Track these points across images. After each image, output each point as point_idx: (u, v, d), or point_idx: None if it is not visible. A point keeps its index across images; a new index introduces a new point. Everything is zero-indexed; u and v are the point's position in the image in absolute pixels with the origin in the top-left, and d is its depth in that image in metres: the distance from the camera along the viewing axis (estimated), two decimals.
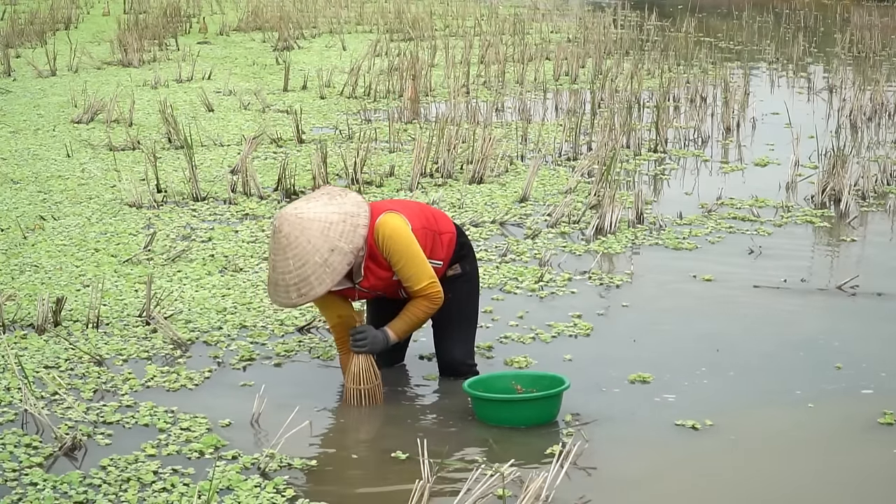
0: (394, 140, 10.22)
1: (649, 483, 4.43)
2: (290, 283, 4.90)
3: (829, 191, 8.57)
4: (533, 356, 5.58)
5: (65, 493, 4.19)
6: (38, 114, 11.53)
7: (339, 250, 4.89)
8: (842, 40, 17.93)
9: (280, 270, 4.91)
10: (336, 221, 4.93)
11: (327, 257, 4.88)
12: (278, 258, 4.91)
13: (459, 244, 5.34)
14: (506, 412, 4.85)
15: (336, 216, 4.94)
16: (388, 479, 4.42)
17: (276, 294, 4.98)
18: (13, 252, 7.03)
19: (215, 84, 13.43)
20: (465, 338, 5.37)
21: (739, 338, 5.92)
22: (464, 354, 5.35)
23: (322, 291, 4.91)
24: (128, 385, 5.18)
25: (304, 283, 4.89)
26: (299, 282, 4.89)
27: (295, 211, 4.94)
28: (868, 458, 4.65)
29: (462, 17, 20.78)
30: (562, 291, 6.55)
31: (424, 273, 5.07)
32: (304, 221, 4.90)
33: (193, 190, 8.36)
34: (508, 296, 6.47)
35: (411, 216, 5.16)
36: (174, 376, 5.29)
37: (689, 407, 5.03)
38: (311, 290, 4.90)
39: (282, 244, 4.89)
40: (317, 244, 4.88)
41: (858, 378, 5.40)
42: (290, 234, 4.89)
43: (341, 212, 4.96)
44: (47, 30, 18.09)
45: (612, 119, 10.81)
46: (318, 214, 4.93)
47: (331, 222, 4.92)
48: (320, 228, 4.90)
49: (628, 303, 6.44)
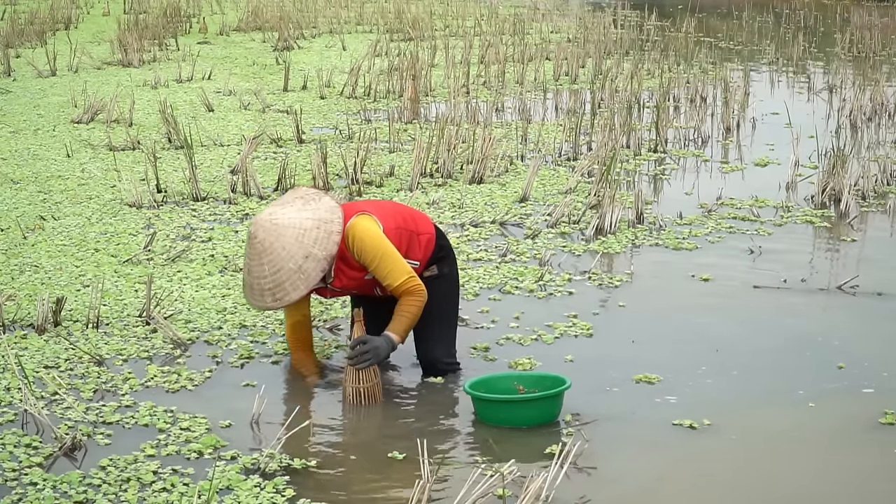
0: (394, 140, 10.22)
1: (649, 483, 4.43)
2: (266, 288, 5.01)
3: (829, 191, 8.57)
4: (533, 356, 5.58)
5: (65, 493, 4.19)
6: (38, 114, 11.53)
7: (313, 257, 4.98)
8: (842, 40, 17.93)
9: (255, 275, 5.02)
10: (310, 228, 5.00)
11: (301, 264, 4.97)
12: (253, 263, 5.02)
13: (438, 246, 5.37)
14: (507, 412, 4.85)
15: (310, 222, 5.01)
16: (388, 480, 4.42)
17: (251, 297, 5.11)
18: (13, 252, 7.02)
19: (215, 84, 13.43)
20: (445, 336, 5.39)
21: (739, 338, 5.92)
22: (443, 353, 5.37)
23: (297, 297, 5.02)
24: (128, 385, 5.17)
25: (278, 289, 4.99)
26: (274, 287, 4.99)
27: (270, 217, 5.01)
28: (869, 458, 4.65)
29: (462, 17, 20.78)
30: (562, 291, 6.55)
31: (401, 269, 5.10)
32: (279, 228, 4.98)
33: (193, 190, 8.36)
34: (508, 296, 6.47)
35: (384, 217, 5.20)
36: (174, 376, 5.28)
37: (689, 407, 5.03)
38: (285, 295, 5.00)
39: (257, 250, 4.99)
40: (291, 251, 4.97)
41: (859, 378, 5.40)
42: (265, 241, 4.98)
43: (315, 218, 5.03)
44: (47, 30, 18.09)
45: (612, 119, 10.81)
46: (293, 220, 5.00)
47: (305, 228, 5.00)
48: (295, 235, 4.98)
49: (628, 303, 6.43)
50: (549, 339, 5.83)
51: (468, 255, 7.14)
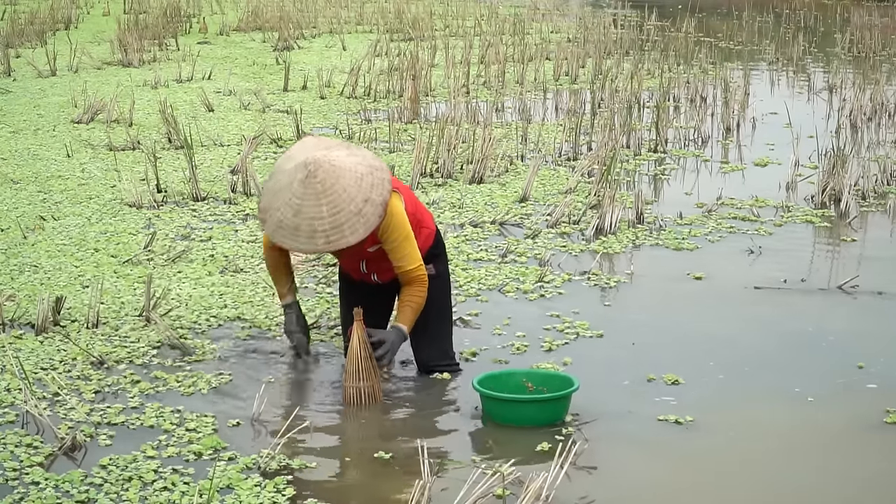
0: (394, 140, 10.22)
1: (650, 482, 4.43)
2: (320, 230, 4.83)
3: (829, 191, 8.58)
4: (533, 357, 5.58)
5: (66, 493, 4.19)
6: (38, 114, 11.53)
7: (371, 202, 4.88)
8: (842, 40, 17.94)
9: (310, 216, 4.83)
10: (365, 173, 4.92)
11: (361, 207, 4.86)
12: (309, 203, 4.84)
13: (435, 243, 5.38)
14: (515, 412, 4.86)
15: (363, 168, 4.94)
16: (388, 479, 4.42)
17: (295, 238, 4.88)
18: (13, 252, 7.02)
19: (215, 84, 13.43)
20: (441, 334, 5.39)
21: (740, 337, 5.92)
22: (439, 352, 5.37)
23: (354, 241, 4.88)
24: (127, 385, 5.17)
25: (335, 231, 4.84)
26: (331, 229, 4.84)
27: (327, 157, 4.89)
28: (871, 458, 4.65)
29: (462, 17, 20.78)
30: (561, 291, 6.55)
31: (416, 255, 5.12)
32: (337, 170, 4.87)
33: (193, 190, 8.36)
34: (508, 296, 6.47)
35: (406, 200, 5.20)
36: (174, 377, 5.28)
37: (689, 406, 5.03)
38: (341, 238, 4.85)
39: (316, 190, 4.83)
40: (352, 193, 4.85)
41: (860, 377, 5.40)
42: (326, 181, 4.84)
43: (366, 164, 4.96)
44: (47, 30, 18.08)
45: (612, 119, 10.82)
46: (348, 164, 4.91)
47: (361, 174, 4.91)
48: (353, 178, 4.88)
49: (628, 303, 6.44)
50: (548, 338, 5.83)
51: (468, 255, 7.14)
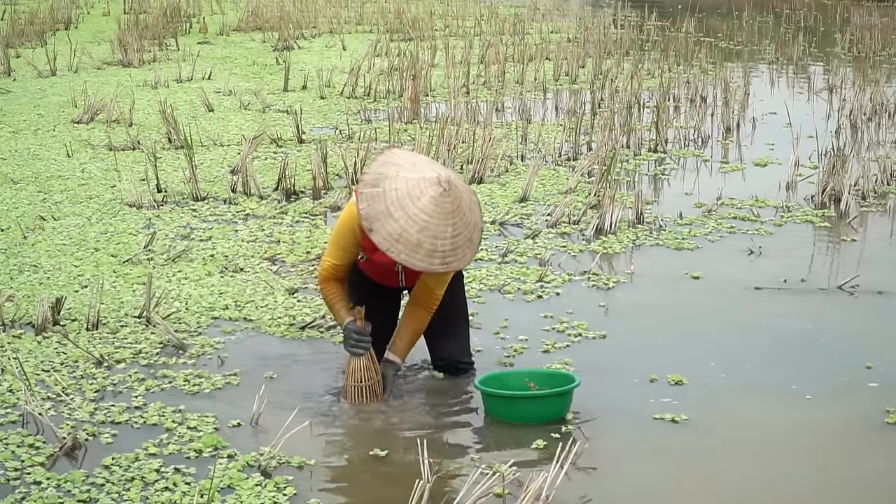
0: (394, 140, 10.22)
1: (650, 482, 4.43)
2: (439, 250, 4.73)
3: (829, 191, 8.58)
4: (533, 356, 5.58)
5: (68, 492, 4.20)
6: (38, 114, 11.53)
7: (480, 229, 4.89)
8: (842, 40, 17.94)
9: (435, 235, 4.71)
10: (474, 200, 4.89)
11: (473, 233, 4.83)
12: (437, 221, 4.71)
13: None
14: (517, 409, 4.87)
15: (471, 193, 4.89)
16: (388, 479, 4.42)
17: (411, 254, 4.72)
18: (13, 252, 7.03)
19: (215, 84, 13.43)
20: (465, 332, 5.39)
21: (740, 337, 5.93)
22: (463, 349, 5.37)
23: (460, 266, 4.83)
24: (126, 385, 5.18)
25: (451, 254, 4.76)
26: (449, 251, 4.75)
27: (454, 178, 4.80)
28: (871, 458, 4.65)
29: (462, 17, 20.78)
30: (561, 291, 6.56)
31: (447, 283, 5.11)
32: (461, 193, 4.81)
33: (193, 190, 8.36)
34: (508, 296, 6.47)
35: None
36: (174, 377, 5.29)
37: (689, 406, 5.03)
38: (455, 261, 4.78)
39: (447, 210, 4.73)
40: (470, 219, 4.81)
41: (861, 376, 5.40)
42: (455, 202, 4.75)
43: (469, 189, 4.91)
44: (47, 30, 18.07)
45: (612, 119, 10.82)
46: (463, 188, 4.84)
47: (473, 200, 4.87)
48: (470, 203, 4.84)
49: (628, 303, 6.44)
50: (548, 338, 5.83)
51: None
